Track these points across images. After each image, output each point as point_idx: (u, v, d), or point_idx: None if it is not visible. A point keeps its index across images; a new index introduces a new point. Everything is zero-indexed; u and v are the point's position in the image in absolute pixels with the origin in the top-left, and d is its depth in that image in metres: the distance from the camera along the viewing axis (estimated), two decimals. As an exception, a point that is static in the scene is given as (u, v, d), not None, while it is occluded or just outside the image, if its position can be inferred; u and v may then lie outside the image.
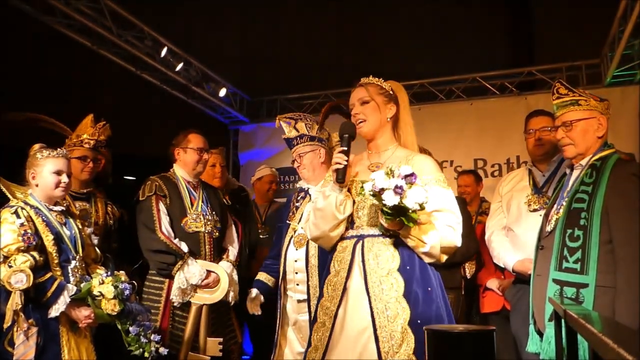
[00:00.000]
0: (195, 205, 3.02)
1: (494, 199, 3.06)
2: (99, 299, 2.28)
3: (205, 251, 2.98)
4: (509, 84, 5.70)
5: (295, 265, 2.75)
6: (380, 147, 2.16)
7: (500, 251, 2.83)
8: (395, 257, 1.98)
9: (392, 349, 1.87)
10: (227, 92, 6.03)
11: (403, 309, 1.90)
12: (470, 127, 5.69)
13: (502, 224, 2.90)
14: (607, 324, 1.32)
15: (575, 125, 2.23)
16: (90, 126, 3.11)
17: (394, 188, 1.78)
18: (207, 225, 3.00)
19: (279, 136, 6.23)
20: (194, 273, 2.84)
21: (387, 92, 2.15)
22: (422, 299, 1.94)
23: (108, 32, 4.54)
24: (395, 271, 1.96)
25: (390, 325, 1.89)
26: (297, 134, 2.91)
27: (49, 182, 2.38)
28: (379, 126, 2.14)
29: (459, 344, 1.60)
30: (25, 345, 2.17)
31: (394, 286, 1.94)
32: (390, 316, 1.90)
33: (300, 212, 2.86)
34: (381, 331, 1.89)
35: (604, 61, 5.25)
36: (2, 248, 2.17)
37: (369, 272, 1.98)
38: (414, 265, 1.99)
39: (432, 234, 1.96)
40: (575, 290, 2.03)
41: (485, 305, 3.58)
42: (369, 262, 1.99)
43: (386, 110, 2.13)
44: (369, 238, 2.03)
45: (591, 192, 2.09)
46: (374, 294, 1.94)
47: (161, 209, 2.94)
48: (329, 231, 2.08)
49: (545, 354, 2.12)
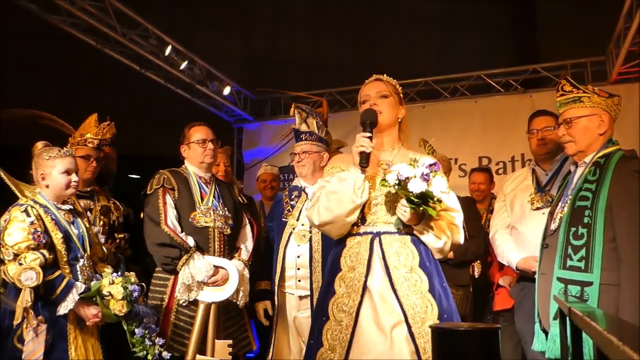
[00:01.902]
0: (205, 199, 2.87)
1: (497, 198, 3.09)
2: (108, 298, 2.30)
3: (214, 247, 2.81)
4: (514, 81, 5.68)
5: (298, 261, 2.75)
6: (385, 145, 2.16)
7: (503, 249, 2.84)
8: (414, 254, 2.00)
9: (427, 344, 1.88)
10: (231, 91, 6.04)
11: (431, 304, 1.94)
12: (475, 124, 5.68)
13: (505, 223, 2.92)
14: (612, 322, 1.32)
15: (576, 122, 2.23)
16: (94, 125, 3.12)
17: (420, 175, 1.83)
18: (218, 221, 2.84)
19: (280, 135, 6.30)
20: (200, 269, 2.67)
21: (400, 94, 2.19)
22: (443, 294, 2.00)
23: (113, 31, 4.55)
24: (417, 267, 1.98)
25: (422, 322, 1.92)
26: (308, 130, 2.92)
27: (60, 182, 2.40)
28: (391, 123, 2.14)
29: (464, 341, 1.60)
30: (34, 342, 2.19)
31: (418, 282, 1.97)
32: (420, 312, 1.93)
33: (297, 209, 2.86)
34: (415, 327, 1.91)
35: (609, 58, 5.23)
36: (13, 246, 2.19)
37: (392, 269, 1.97)
38: (432, 262, 2.04)
39: (446, 230, 2.01)
40: (579, 288, 2.03)
41: (497, 303, 3.58)
42: (390, 259, 1.98)
43: (398, 110, 2.16)
44: (386, 235, 2.02)
45: (595, 190, 2.09)
46: (401, 291, 1.95)
47: (168, 201, 2.81)
48: (344, 216, 1.99)
49: (550, 352, 2.12)
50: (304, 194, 2.91)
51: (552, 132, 2.77)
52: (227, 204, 2.95)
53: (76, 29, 4.47)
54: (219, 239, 2.84)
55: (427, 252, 2.04)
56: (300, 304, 2.75)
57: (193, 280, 2.69)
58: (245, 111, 6.44)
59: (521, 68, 5.76)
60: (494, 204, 4.34)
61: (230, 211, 2.93)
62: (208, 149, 2.92)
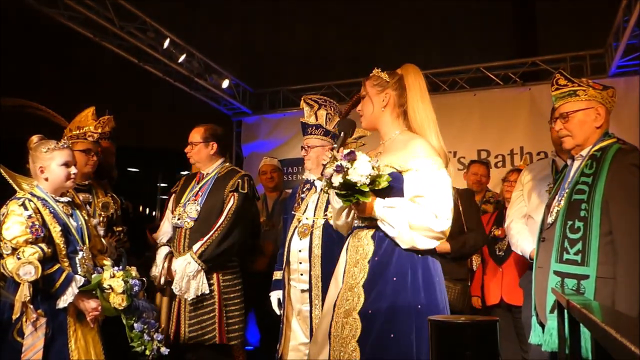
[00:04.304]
0: (184, 198, 3.13)
1: (515, 188, 3.08)
2: (108, 292, 2.31)
3: (182, 244, 3.05)
4: (513, 74, 5.67)
5: (300, 255, 2.77)
6: (384, 135, 2.16)
7: (518, 239, 2.86)
8: (365, 248, 2.01)
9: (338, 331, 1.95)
10: (230, 84, 6.03)
11: (358, 297, 1.95)
12: (474, 118, 5.67)
13: (522, 213, 2.93)
14: (609, 315, 1.33)
15: (572, 116, 2.23)
16: (92, 119, 3.11)
17: (334, 169, 1.86)
18: (182, 218, 3.08)
19: (282, 127, 6.33)
20: (157, 264, 3.06)
21: (382, 80, 2.12)
22: (387, 290, 1.92)
23: (110, 24, 4.53)
24: (363, 260, 1.99)
25: (345, 314, 1.95)
26: (315, 123, 2.92)
27: (60, 175, 2.40)
28: (374, 117, 2.13)
29: (461, 334, 1.61)
30: (34, 335, 2.19)
31: (357, 275, 1.99)
32: (346, 304, 1.97)
33: (305, 203, 2.87)
34: (336, 316, 1.98)
35: (608, 51, 5.22)
36: (11, 240, 2.19)
37: (347, 262, 2.06)
38: (387, 256, 1.96)
39: (401, 218, 1.91)
40: (576, 281, 2.04)
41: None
42: (349, 252, 2.07)
43: (380, 99, 2.11)
44: (357, 230, 2.08)
45: (591, 183, 2.09)
46: (345, 282, 2.02)
47: (169, 205, 3.25)
48: (336, 219, 2.19)
49: (546, 345, 2.13)
50: (314, 187, 2.91)
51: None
52: (208, 196, 3.10)
53: (74, 21, 4.45)
54: (184, 236, 3.05)
55: (387, 246, 1.96)
56: (303, 297, 2.77)
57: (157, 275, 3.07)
58: (244, 104, 6.43)
59: (520, 61, 5.75)
60: (488, 195, 4.36)
61: (206, 203, 3.08)
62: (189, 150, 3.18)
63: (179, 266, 2.95)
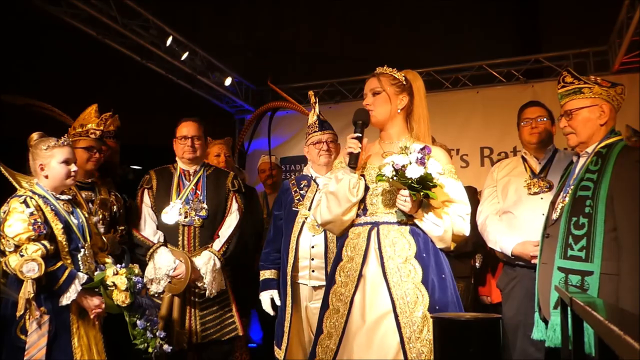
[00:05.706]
0: (181, 194, 3.02)
1: (486, 184, 3.06)
2: (111, 289, 2.31)
3: (183, 242, 2.96)
4: (516, 71, 5.65)
5: (312, 251, 2.74)
6: (392, 137, 2.18)
7: (496, 235, 2.83)
8: (411, 245, 2.02)
9: (413, 334, 1.91)
10: (233, 82, 6.03)
11: (422, 295, 1.95)
12: (477, 115, 5.66)
13: (496, 209, 2.93)
14: (613, 312, 1.32)
15: (576, 114, 2.23)
16: (95, 116, 3.10)
17: (416, 160, 1.86)
18: (187, 216, 2.97)
19: (284, 125, 6.31)
20: (163, 263, 2.84)
21: (400, 82, 2.15)
22: (438, 286, 2.00)
23: (113, 21, 4.53)
24: (412, 258, 2.00)
25: (410, 312, 1.94)
26: (324, 119, 2.97)
27: (60, 172, 2.40)
28: (389, 117, 2.15)
29: (465, 331, 1.61)
30: (37, 333, 2.20)
31: (411, 273, 1.98)
32: (410, 302, 1.94)
33: (309, 199, 2.85)
34: (402, 317, 1.94)
35: (611, 48, 5.20)
36: (13, 237, 2.19)
37: (386, 259, 2.01)
38: (429, 253, 2.04)
39: (446, 218, 2.02)
40: (580, 278, 2.04)
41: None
42: (386, 249, 2.02)
43: (397, 101, 2.14)
44: (384, 225, 2.06)
45: (596, 180, 2.09)
46: (393, 281, 1.98)
47: (145, 201, 3.05)
48: (341, 215, 2.10)
49: (550, 341, 2.14)
50: (314, 183, 2.89)
51: (544, 122, 2.88)
52: (209, 194, 3.04)
53: (76, 19, 4.45)
54: (188, 233, 2.97)
55: (427, 243, 2.05)
56: (313, 294, 2.75)
57: (156, 275, 2.85)
58: (246, 102, 6.43)
59: (523, 58, 5.72)
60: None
61: (210, 201, 3.03)
62: (187, 145, 3.04)
63: (204, 265, 2.88)
